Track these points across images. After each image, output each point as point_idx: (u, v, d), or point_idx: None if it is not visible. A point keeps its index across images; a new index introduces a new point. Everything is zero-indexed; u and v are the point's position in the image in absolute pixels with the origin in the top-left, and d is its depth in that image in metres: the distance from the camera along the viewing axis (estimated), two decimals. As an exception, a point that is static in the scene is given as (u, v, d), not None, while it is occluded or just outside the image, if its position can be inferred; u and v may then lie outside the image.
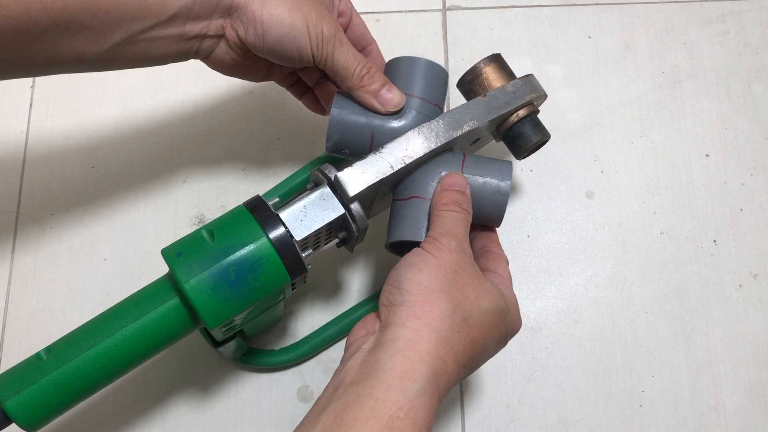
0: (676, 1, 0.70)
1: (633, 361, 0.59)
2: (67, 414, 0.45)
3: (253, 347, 0.58)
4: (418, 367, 0.38)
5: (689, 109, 0.66)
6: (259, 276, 0.43)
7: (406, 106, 0.50)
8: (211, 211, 0.63)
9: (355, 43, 0.54)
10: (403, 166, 0.47)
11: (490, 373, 0.59)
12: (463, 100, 0.53)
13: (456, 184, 0.47)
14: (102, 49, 0.44)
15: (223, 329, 0.46)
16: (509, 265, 0.50)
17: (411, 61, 0.51)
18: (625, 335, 0.60)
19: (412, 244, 0.46)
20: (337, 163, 0.50)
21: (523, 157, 0.53)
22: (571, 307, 0.61)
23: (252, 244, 0.43)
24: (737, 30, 0.68)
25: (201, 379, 0.58)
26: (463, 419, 0.58)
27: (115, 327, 0.44)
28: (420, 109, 0.50)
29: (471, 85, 0.52)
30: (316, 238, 0.48)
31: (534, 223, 0.63)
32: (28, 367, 0.43)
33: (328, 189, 0.47)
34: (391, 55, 0.53)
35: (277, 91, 0.58)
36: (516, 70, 0.53)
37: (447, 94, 0.66)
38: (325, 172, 0.47)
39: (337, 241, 0.50)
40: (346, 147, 0.51)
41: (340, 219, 0.47)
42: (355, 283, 0.61)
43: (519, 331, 0.58)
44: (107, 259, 0.62)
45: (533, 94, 0.51)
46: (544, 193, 0.64)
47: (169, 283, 0.45)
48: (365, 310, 0.58)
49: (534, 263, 0.62)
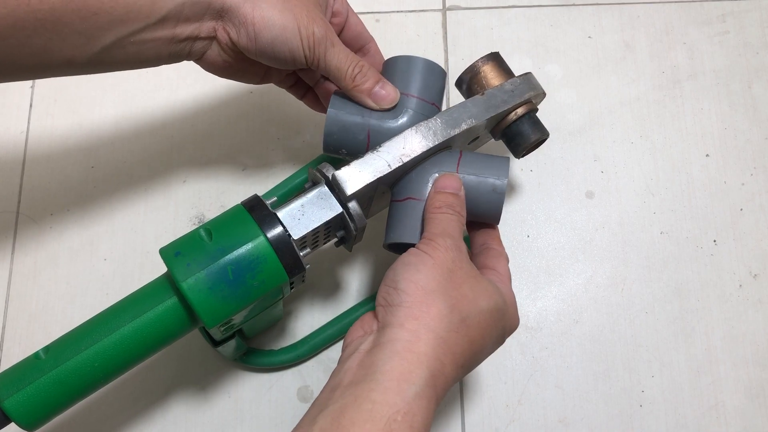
0: (676, 1, 0.70)
1: (633, 361, 0.59)
2: (66, 413, 0.45)
3: (252, 347, 0.58)
4: (415, 370, 0.38)
5: (689, 109, 0.66)
6: (256, 275, 0.43)
7: (403, 105, 0.50)
8: (211, 211, 0.63)
9: (352, 42, 0.54)
10: (400, 164, 0.47)
11: (490, 373, 0.59)
12: (463, 100, 0.53)
13: (449, 186, 0.47)
14: (92, 51, 0.44)
15: (222, 328, 0.46)
16: (509, 263, 0.50)
17: (408, 61, 0.51)
18: (625, 335, 0.59)
19: (409, 246, 0.46)
20: (336, 162, 0.50)
21: (522, 156, 0.53)
22: (571, 307, 0.60)
23: (250, 243, 0.43)
24: (737, 30, 0.68)
25: (200, 379, 0.58)
26: (463, 419, 0.57)
27: (113, 326, 0.44)
28: (417, 109, 0.50)
29: (469, 83, 0.52)
30: (315, 237, 0.48)
31: (534, 223, 0.63)
32: (26, 366, 0.43)
33: (326, 188, 0.47)
34: (390, 56, 0.53)
35: (277, 91, 0.58)
36: (516, 70, 0.53)
37: (446, 94, 0.66)
38: (323, 171, 0.47)
39: (336, 240, 0.50)
40: (343, 147, 0.51)
41: (338, 218, 0.47)
42: (355, 282, 0.61)
43: (519, 331, 0.59)
44: (107, 259, 0.62)
45: (532, 92, 0.51)
46: (544, 193, 0.64)
47: (168, 283, 0.45)
48: (365, 310, 0.58)
49: (534, 263, 0.62)
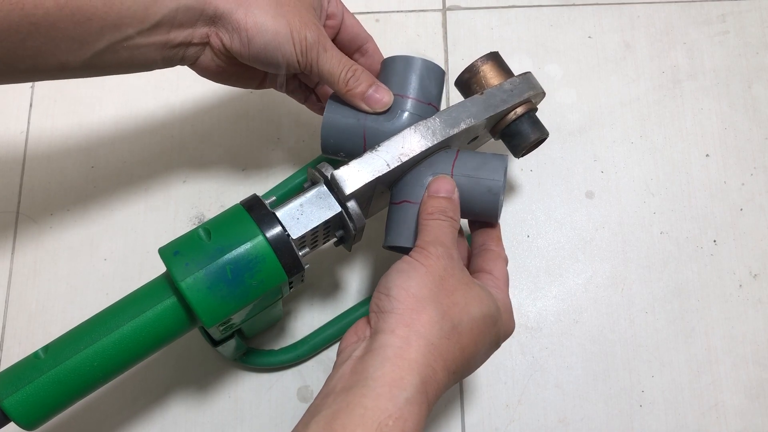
0: (676, 1, 0.70)
1: (633, 361, 0.59)
2: (65, 413, 0.45)
3: (252, 347, 0.58)
4: (407, 376, 0.38)
5: (689, 109, 0.66)
6: (255, 275, 0.43)
7: (399, 106, 0.50)
8: (211, 211, 0.63)
9: (350, 43, 0.54)
10: (399, 164, 0.47)
11: (490, 373, 0.59)
12: (462, 100, 0.53)
13: (442, 189, 0.47)
14: (85, 56, 0.44)
15: (221, 328, 0.46)
16: (508, 264, 0.50)
17: (405, 61, 0.51)
18: (625, 335, 0.59)
19: (406, 249, 0.46)
20: (335, 162, 0.50)
21: (522, 155, 0.53)
22: (571, 307, 0.60)
23: (248, 243, 0.43)
24: (737, 30, 0.68)
25: (200, 379, 0.58)
26: (463, 419, 0.57)
27: (112, 326, 0.44)
28: (413, 110, 0.50)
29: (469, 83, 0.52)
30: (314, 237, 0.48)
31: (534, 223, 0.63)
32: (26, 365, 0.43)
33: (325, 187, 0.47)
34: (390, 56, 0.53)
35: (276, 92, 0.58)
36: (516, 70, 0.53)
37: (446, 93, 0.66)
38: (322, 170, 0.47)
39: (335, 239, 0.50)
40: (341, 150, 0.51)
41: (337, 217, 0.47)
42: (354, 282, 0.61)
43: (519, 331, 0.59)
44: (107, 259, 0.62)
45: (531, 91, 0.51)
46: (544, 193, 0.64)
47: (166, 282, 0.45)
48: (364, 310, 0.58)
49: (534, 263, 0.62)
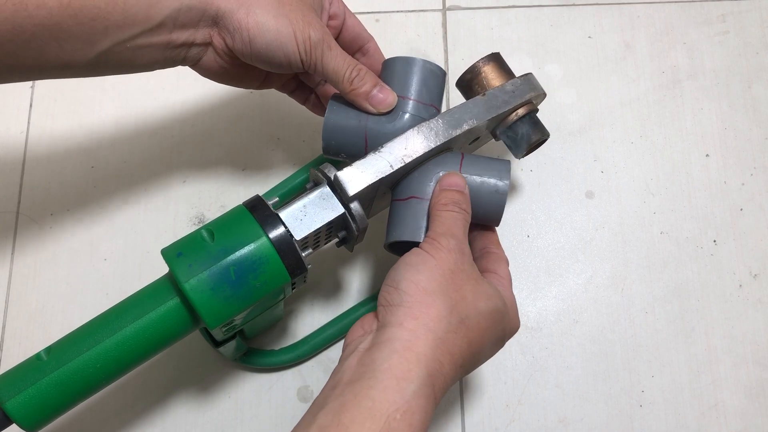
0: (676, 1, 0.70)
1: (633, 361, 0.59)
2: (67, 414, 0.45)
3: (253, 347, 0.58)
4: (414, 369, 0.38)
5: (689, 109, 0.66)
6: (259, 276, 0.43)
7: (401, 107, 0.50)
8: (211, 211, 0.63)
9: (351, 43, 0.54)
10: (402, 165, 0.47)
11: (490, 373, 0.59)
12: (463, 100, 0.53)
13: (455, 184, 0.47)
14: (89, 56, 0.44)
15: (224, 329, 0.46)
16: (509, 265, 0.50)
17: (406, 62, 0.51)
18: (625, 335, 0.60)
19: (410, 245, 0.46)
20: (337, 162, 0.50)
21: (523, 156, 0.53)
22: (571, 307, 0.60)
23: (252, 244, 0.43)
24: (737, 30, 0.68)
25: (201, 379, 0.58)
26: (463, 419, 0.58)
27: (115, 327, 0.44)
28: (415, 111, 0.50)
29: (470, 84, 0.52)
30: (316, 238, 0.48)
31: (534, 223, 0.63)
32: (28, 367, 0.43)
33: (328, 188, 0.47)
34: (390, 56, 0.53)
35: (277, 92, 0.58)
36: (516, 70, 0.53)
37: (446, 94, 0.66)
38: (325, 171, 0.47)
39: (337, 240, 0.50)
40: (342, 151, 0.51)
41: (340, 218, 0.47)
42: (355, 282, 0.61)
43: (519, 331, 0.59)
44: (107, 259, 0.62)
45: (532, 92, 0.51)
46: (544, 193, 0.64)
47: (169, 283, 0.45)
48: (365, 310, 0.58)
49: (534, 263, 0.62)
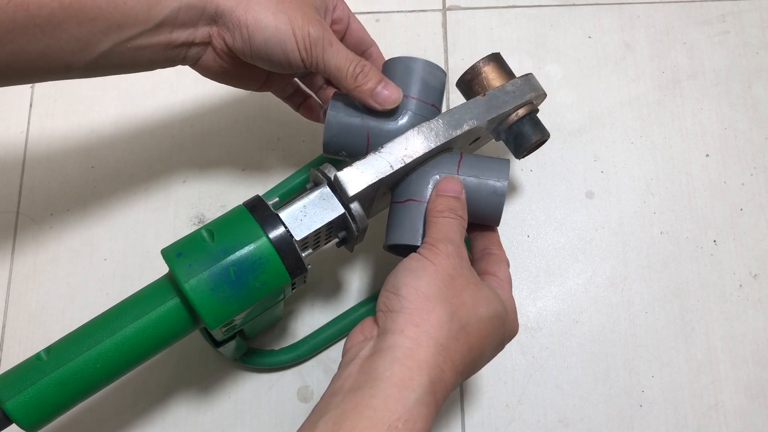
0: (676, 1, 0.70)
1: (633, 361, 0.59)
2: (67, 414, 0.45)
3: (253, 347, 0.58)
4: (416, 377, 0.38)
5: (689, 109, 0.66)
6: (259, 276, 0.43)
7: (402, 107, 0.50)
8: (211, 211, 0.63)
9: (354, 47, 0.54)
10: (402, 165, 0.47)
11: (490, 373, 0.59)
12: (463, 100, 0.53)
13: (450, 189, 0.47)
14: (90, 57, 0.44)
15: (224, 329, 0.46)
16: (510, 267, 0.50)
17: (407, 62, 0.51)
18: (625, 335, 0.60)
19: (409, 247, 0.46)
20: (337, 162, 0.50)
21: (523, 156, 0.53)
22: (571, 307, 0.60)
23: (252, 244, 0.43)
24: (737, 30, 0.68)
25: (201, 379, 0.58)
26: (463, 419, 0.58)
27: (115, 327, 0.44)
28: (416, 110, 0.50)
29: (470, 84, 0.52)
30: (316, 238, 0.48)
31: (534, 223, 0.63)
32: (28, 367, 0.43)
33: (328, 189, 0.47)
34: (390, 56, 0.53)
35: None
36: (516, 70, 0.53)
37: (447, 94, 0.66)
38: (325, 171, 0.47)
39: (337, 240, 0.50)
40: (343, 149, 0.51)
41: (340, 219, 0.47)
42: (355, 282, 0.61)
43: (519, 331, 0.59)
44: (107, 259, 0.62)
45: (533, 93, 0.51)
46: (544, 193, 0.64)
47: (169, 283, 0.45)
48: (365, 310, 0.58)
49: (534, 263, 0.62)
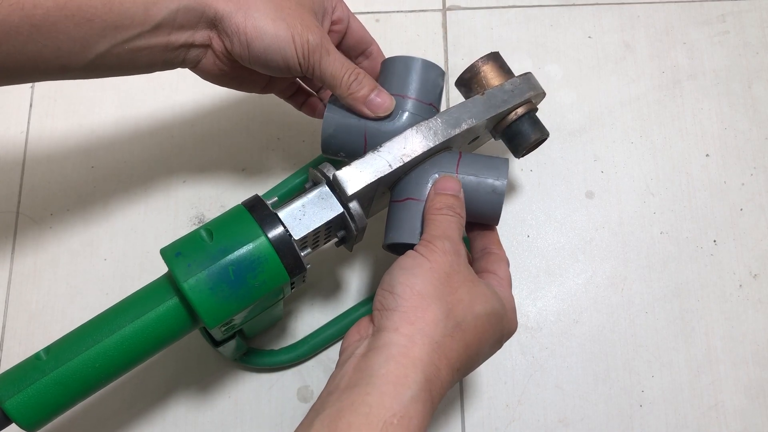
0: (676, 1, 0.70)
1: (633, 361, 0.59)
2: (66, 414, 0.45)
3: (252, 347, 0.58)
4: (411, 374, 0.38)
5: (689, 109, 0.66)
6: (258, 275, 0.43)
7: (400, 107, 0.50)
8: (211, 212, 0.63)
9: (354, 47, 0.54)
10: (401, 164, 0.47)
11: (490, 373, 0.59)
12: (463, 100, 0.53)
13: (449, 188, 0.47)
14: (87, 58, 0.44)
15: (223, 329, 0.46)
16: (509, 266, 0.50)
17: (405, 61, 0.51)
18: (625, 335, 0.60)
19: (408, 246, 0.46)
20: (337, 162, 0.50)
21: (522, 156, 0.53)
22: (571, 307, 0.60)
23: (251, 244, 0.43)
24: (737, 30, 0.68)
25: (200, 379, 0.58)
26: (463, 419, 0.57)
27: (114, 327, 0.44)
28: (414, 110, 0.50)
29: (469, 83, 0.52)
30: (315, 237, 0.48)
31: (534, 223, 0.63)
32: (27, 367, 0.43)
33: (327, 188, 0.47)
34: (390, 56, 0.53)
35: (276, 92, 0.58)
36: (516, 70, 0.53)
37: (446, 94, 0.66)
38: (324, 171, 0.47)
39: (336, 240, 0.50)
40: (341, 149, 0.51)
41: (339, 218, 0.47)
42: (355, 282, 0.61)
43: (519, 331, 0.59)
44: (107, 259, 0.62)
45: (532, 92, 0.51)
46: (544, 193, 0.64)
47: (168, 283, 0.45)
48: (365, 309, 0.58)
49: (534, 263, 0.62)
